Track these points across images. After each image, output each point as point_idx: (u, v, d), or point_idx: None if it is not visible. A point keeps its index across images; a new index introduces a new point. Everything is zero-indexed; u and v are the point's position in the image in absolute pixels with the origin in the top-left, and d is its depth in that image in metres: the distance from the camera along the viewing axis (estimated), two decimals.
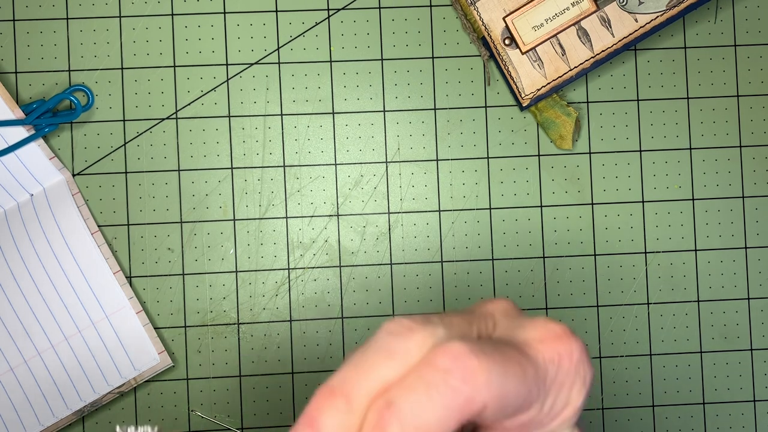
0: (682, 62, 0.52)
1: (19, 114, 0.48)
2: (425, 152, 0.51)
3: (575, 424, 0.28)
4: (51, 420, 0.48)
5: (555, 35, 0.49)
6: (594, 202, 0.52)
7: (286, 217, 0.50)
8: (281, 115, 0.51)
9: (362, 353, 0.24)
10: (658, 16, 0.49)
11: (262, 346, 0.50)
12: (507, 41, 0.49)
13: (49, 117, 0.49)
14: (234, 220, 0.50)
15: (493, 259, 0.51)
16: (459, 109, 0.51)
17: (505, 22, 0.49)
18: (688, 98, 0.52)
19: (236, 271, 0.50)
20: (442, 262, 0.51)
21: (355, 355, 0.24)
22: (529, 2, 0.49)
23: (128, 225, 0.50)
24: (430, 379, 0.23)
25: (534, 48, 0.49)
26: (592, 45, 0.49)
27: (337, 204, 0.51)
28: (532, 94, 0.50)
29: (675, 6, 0.49)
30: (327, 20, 0.51)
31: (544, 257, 0.51)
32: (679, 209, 0.52)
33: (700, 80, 0.52)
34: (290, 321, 0.50)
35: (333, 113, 0.51)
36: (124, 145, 0.50)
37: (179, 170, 0.50)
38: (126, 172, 0.50)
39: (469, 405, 0.23)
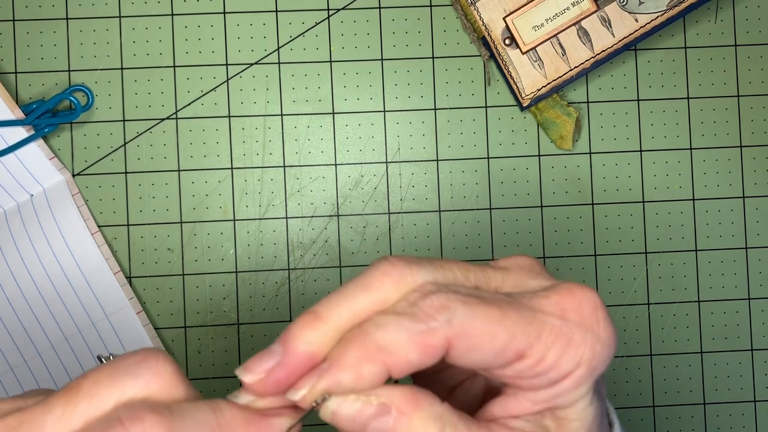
0: (682, 62, 0.52)
1: (19, 114, 0.48)
2: (425, 152, 0.51)
3: (594, 391, 0.27)
4: None
5: (555, 35, 0.49)
6: (594, 202, 0.51)
7: (286, 217, 0.50)
8: (281, 115, 0.51)
9: (348, 284, 0.26)
10: (658, 16, 0.49)
11: (262, 346, 0.50)
12: (507, 41, 0.49)
13: (49, 117, 0.49)
14: (234, 220, 0.50)
15: (493, 259, 0.51)
16: (459, 109, 0.51)
17: (506, 22, 0.49)
18: (688, 98, 0.52)
19: (236, 272, 0.50)
20: None
21: (343, 285, 0.26)
22: (530, 2, 0.49)
23: (128, 225, 0.50)
24: (399, 308, 0.25)
25: (534, 48, 0.49)
26: (592, 45, 0.49)
27: (337, 204, 0.51)
28: (533, 94, 0.50)
29: (675, 6, 0.49)
30: (327, 20, 0.51)
31: (544, 257, 0.51)
32: (679, 209, 0.52)
33: (700, 80, 0.52)
34: (290, 321, 0.50)
35: (333, 113, 0.51)
36: (124, 145, 0.50)
37: (179, 170, 0.50)
38: (126, 172, 0.50)
39: (431, 335, 0.24)
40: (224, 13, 0.50)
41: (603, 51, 0.49)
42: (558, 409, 0.27)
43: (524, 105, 0.50)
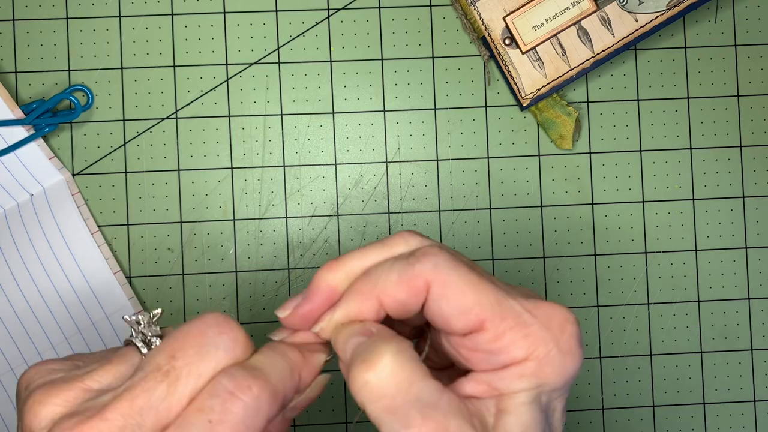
0: (682, 62, 0.52)
1: (19, 114, 0.48)
2: (425, 152, 0.51)
3: (542, 408, 0.29)
4: None
5: (555, 35, 0.49)
6: (594, 202, 0.51)
7: (286, 217, 0.50)
8: (281, 115, 0.51)
9: (369, 244, 0.31)
10: (658, 16, 0.49)
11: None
12: (507, 41, 0.49)
13: (49, 117, 0.49)
14: (234, 220, 0.50)
15: (493, 259, 0.51)
16: (459, 109, 0.51)
17: (506, 21, 0.49)
18: (688, 98, 0.52)
19: (236, 271, 0.50)
20: None
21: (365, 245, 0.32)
22: (530, 2, 0.49)
23: (128, 225, 0.50)
24: (398, 255, 0.30)
25: (534, 48, 0.49)
26: (592, 45, 0.49)
27: (337, 204, 0.51)
28: (533, 94, 0.50)
29: (675, 6, 0.49)
30: (327, 20, 0.51)
31: (544, 257, 0.51)
32: (679, 209, 0.52)
33: (700, 80, 0.52)
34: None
35: (333, 113, 0.51)
36: (124, 145, 0.50)
37: (179, 170, 0.50)
38: (126, 172, 0.50)
39: (416, 277, 0.29)
40: (224, 12, 0.50)
41: (603, 51, 0.49)
42: (501, 398, 0.29)
43: (524, 105, 0.50)
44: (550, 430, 0.30)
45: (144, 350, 0.30)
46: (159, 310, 0.31)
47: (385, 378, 0.27)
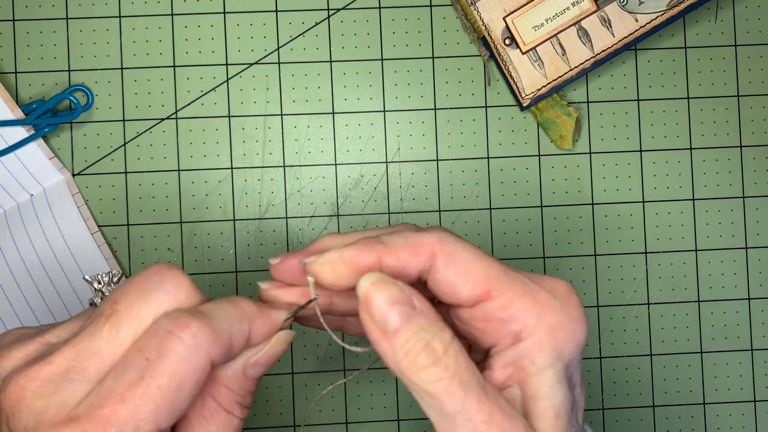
0: (682, 62, 0.52)
1: (19, 114, 0.48)
2: (425, 152, 0.51)
3: (565, 378, 0.29)
4: None
5: (555, 35, 0.49)
6: (594, 202, 0.51)
7: (286, 217, 0.50)
8: (281, 115, 0.51)
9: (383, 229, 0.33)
10: (658, 16, 0.49)
11: None
12: (507, 41, 0.49)
13: (49, 117, 0.49)
14: (234, 220, 0.50)
15: None
16: (459, 109, 0.51)
17: (506, 22, 0.49)
18: (688, 98, 0.52)
19: (236, 271, 0.50)
20: None
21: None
22: (530, 2, 0.49)
23: (128, 225, 0.50)
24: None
25: (534, 48, 0.49)
26: (592, 45, 0.49)
27: (337, 204, 0.51)
28: (533, 94, 0.50)
29: (675, 6, 0.49)
30: (327, 20, 0.51)
31: (544, 257, 0.51)
32: (679, 209, 0.52)
33: (700, 80, 0.52)
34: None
35: (333, 113, 0.51)
36: (124, 145, 0.50)
37: (179, 170, 0.50)
38: (126, 172, 0.50)
39: (422, 242, 0.30)
40: (224, 13, 0.50)
41: (603, 51, 0.49)
42: (528, 382, 0.29)
43: (524, 105, 0.50)
44: (575, 403, 0.30)
45: None
46: (118, 270, 0.32)
47: (446, 364, 0.28)
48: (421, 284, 0.31)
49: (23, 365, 0.28)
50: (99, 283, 0.31)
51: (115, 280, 0.32)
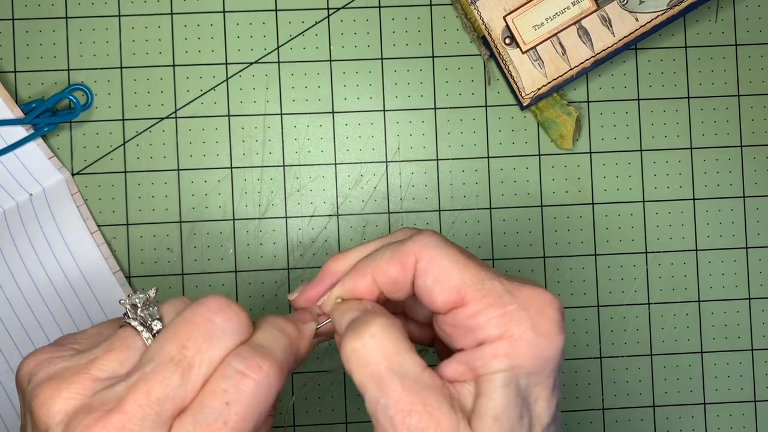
0: (682, 62, 0.52)
1: (18, 113, 0.48)
2: (425, 152, 0.51)
3: (519, 393, 0.30)
4: None
5: (555, 34, 0.49)
6: (594, 202, 0.51)
7: (286, 217, 0.50)
8: (281, 114, 0.50)
9: (374, 239, 0.35)
10: (658, 16, 0.49)
11: None
12: (507, 40, 0.49)
13: (48, 116, 0.49)
14: (234, 219, 0.50)
15: (493, 259, 0.51)
16: (459, 108, 0.51)
17: (506, 21, 0.49)
18: (688, 98, 0.52)
19: (236, 271, 0.50)
20: None
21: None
22: (530, 1, 0.49)
23: (128, 225, 0.50)
24: (395, 240, 0.34)
25: (534, 47, 0.49)
26: (592, 44, 0.49)
27: (337, 204, 0.51)
28: (533, 94, 0.50)
29: (675, 5, 0.49)
30: (327, 19, 0.51)
31: (544, 257, 0.51)
32: (680, 209, 0.52)
33: (700, 80, 0.52)
34: None
35: (333, 113, 0.51)
36: (124, 144, 0.50)
37: (179, 170, 0.50)
38: (125, 172, 0.50)
39: (406, 254, 0.32)
40: (224, 12, 0.50)
41: (603, 50, 0.49)
42: (478, 380, 0.30)
43: (524, 104, 0.50)
44: (531, 417, 0.30)
45: (145, 335, 0.30)
46: (153, 291, 0.32)
47: (371, 346, 0.30)
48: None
49: (83, 411, 0.28)
50: (136, 308, 0.31)
51: (151, 301, 0.32)
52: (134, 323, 0.31)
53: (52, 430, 0.28)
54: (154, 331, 0.31)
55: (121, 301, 0.31)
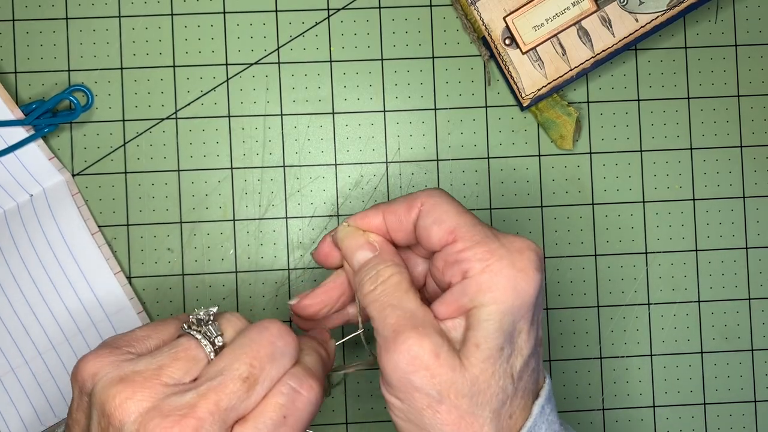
0: (682, 62, 0.52)
1: (19, 114, 0.48)
2: (425, 152, 0.51)
3: (505, 330, 0.34)
4: (52, 420, 0.48)
5: (555, 35, 0.49)
6: (594, 202, 0.51)
7: (286, 217, 0.50)
8: (281, 115, 0.51)
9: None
10: (658, 16, 0.49)
11: None
12: (507, 41, 0.49)
13: (49, 117, 0.49)
14: (234, 220, 0.50)
15: None
16: (459, 109, 0.51)
17: (506, 21, 0.49)
18: (688, 98, 0.52)
19: (236, 272, 0.50)
20: None
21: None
22: (530, 2, 0.49)
23: (128, 225, 0.50)
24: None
25: (534, 48, 0.49)
26: (592, 45, 0.49)
27: (337, 204, 0.51)
28: (533, 94, 0.50)
29: (675, 6, 0.49)
30: (327, 20, 0.51)
31: (544, 257, 0.51)
32: (680, 209, 0.52)
33: (700, 80, 0.52)
34: (290, 322, 0.50)
35: (333, 113, 0.51)
36: (124, 145, 0.50)
37: (179, 170, 0.50)
38: (126, 172, 0.50)
39: (414, 198, 0.38)
40: (224, 12, 0.50)
41: (603, 51, 0.49)
42: (467, 316, 0.35)
43: (524, 105, 0.50)
44: (514, 349, 0.35)
45: (209, 348, 0.35)
46: (215, 308, 0.36)
47: (381, 289, 0.36)
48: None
49: (157, 413, 0.32)
50: (201, 323, 0.35)
51: (213, 317, 0.36)
52: (198, 336, 0.35)
53: (126, 427, 0.32)
54: (217, 346, 0.35)
55: (191, 318, 0.36)
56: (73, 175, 0.50)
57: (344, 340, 0.42)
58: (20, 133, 0.48)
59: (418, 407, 0.34)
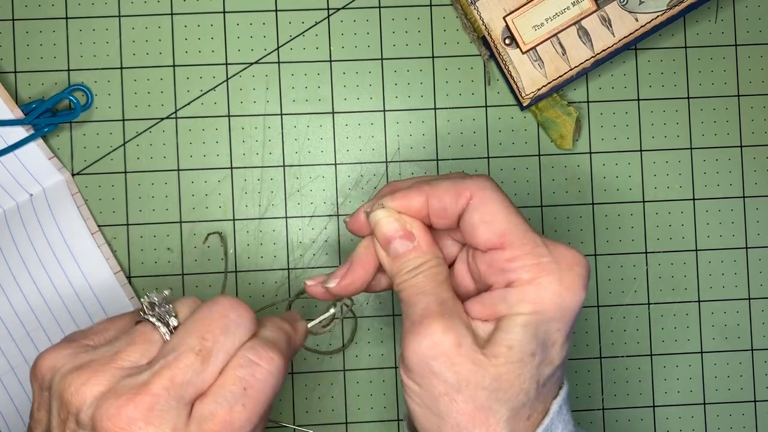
0: (682, 62, 0.52)
1: (19, 114, 0.48)
2: (425, 152, 0.51)
3: (539, 342, 0.34)
4: None
5: (555, 35, 0.49)
6: (594, 202, 0.51)
7: (286, 217, 0.50)
8: (281, 114, 0.50)
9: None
10: (658, 16, 0.49)
11: None
12: (507, 41, 0.49)
13: (49, 117, 0.49)
14: (234, 220, 0.50)
15: None
16: (459, 108, 0.51)
17: (506, 21, 0.49)
18: (688, 98, 0.52)
19: (236, 271, 0.50)
20: None
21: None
22: (530, 2, 0.49)
23: (128, 225, 0.50)
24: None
25: (534, 47, 0.49)
26: (592, 44, 0.49)
27: (337, 204, 0.51)
28: (533, 94, 0.50)
29: (675, 5, 0.49)
30: (327, 20, 0.51)
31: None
32: (680, 209, 0.52)
33: (700, 80, 0.52)
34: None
35: (333, 113, 0.51)
36: (124, 144, 0.50)
37: (179, 170, 0.50)
38: (125, 172, 0.50)
39: (463, 187, 0.35)
40: (224, 12, 0.50)
41: (603, 50, 0.49)
42: (500, 319, 0.34)
43: (524, 105, 0.50)
44: (545, 358, 0.34)
45: (163, 330, 0.34)
46: (168, 290, 0.36)
47: (418, 279, 0.36)
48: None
49: (112, 394, 0.31)
50: (154, 306, 0.35)
51: (167, 300, 0.36)
52: (152, 319, 0.34)
53: (83, 413, 0.31)
54: (171, 327, 0.34)
55: (142, 300, 0.35)
56: (73, 175, 0.50)
57: (316, 321, 0.41)
58: (20, 132, 0.48)
59: (435, 393, 0.34)
